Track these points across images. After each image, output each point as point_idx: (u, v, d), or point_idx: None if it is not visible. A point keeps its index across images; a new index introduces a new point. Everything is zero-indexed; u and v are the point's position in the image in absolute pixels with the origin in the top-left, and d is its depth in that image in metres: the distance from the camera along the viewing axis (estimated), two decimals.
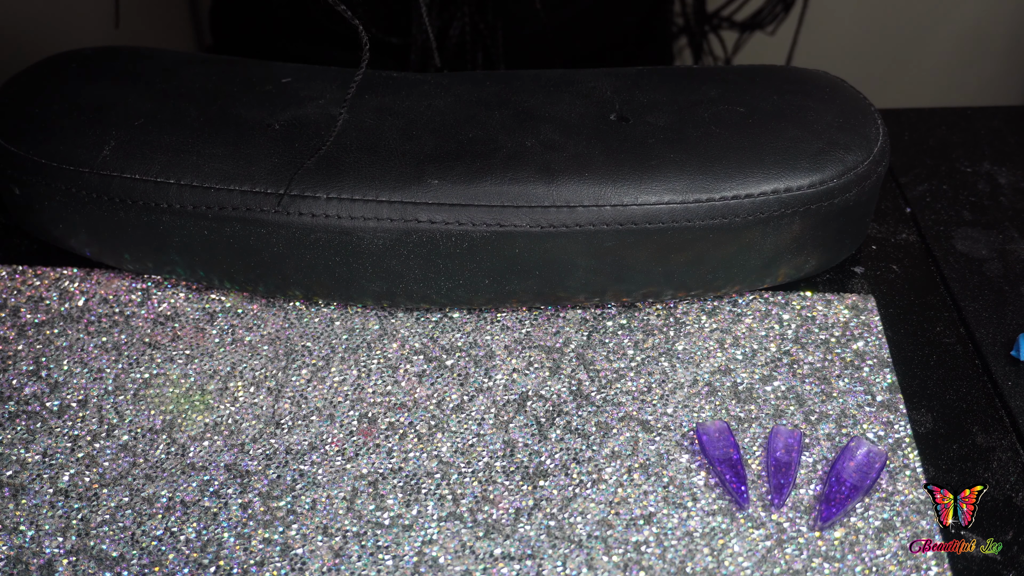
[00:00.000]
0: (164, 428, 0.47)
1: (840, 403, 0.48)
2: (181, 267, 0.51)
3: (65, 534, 0.43)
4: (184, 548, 0.43)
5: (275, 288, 0.51)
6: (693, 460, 0.46)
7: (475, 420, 0.48)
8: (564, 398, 0.49)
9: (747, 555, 0.43)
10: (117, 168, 0.49)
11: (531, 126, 0.50)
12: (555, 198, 0.47)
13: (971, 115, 0.66)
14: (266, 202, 0.48)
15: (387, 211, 0.48)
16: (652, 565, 0.42)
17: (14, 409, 0.48)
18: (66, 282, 0.54)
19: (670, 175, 0.48)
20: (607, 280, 0.50)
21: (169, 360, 0.50)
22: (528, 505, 0.44)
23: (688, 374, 0.50)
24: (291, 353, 0.51)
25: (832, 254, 0.53)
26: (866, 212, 0.53)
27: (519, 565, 0.42)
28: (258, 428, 0.47)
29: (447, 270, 0.49)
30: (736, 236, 0.49)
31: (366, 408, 0.48)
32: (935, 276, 0.56)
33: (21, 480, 0.45)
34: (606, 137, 0.50)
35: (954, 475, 0.46)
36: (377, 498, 0.45)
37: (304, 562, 0.42)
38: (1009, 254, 0.57)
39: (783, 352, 0.51)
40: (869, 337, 0.51)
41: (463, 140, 0.50)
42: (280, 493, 0.45)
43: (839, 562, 0.42)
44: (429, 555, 0.43)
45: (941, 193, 0.61)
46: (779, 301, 0.53)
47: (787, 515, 0.44)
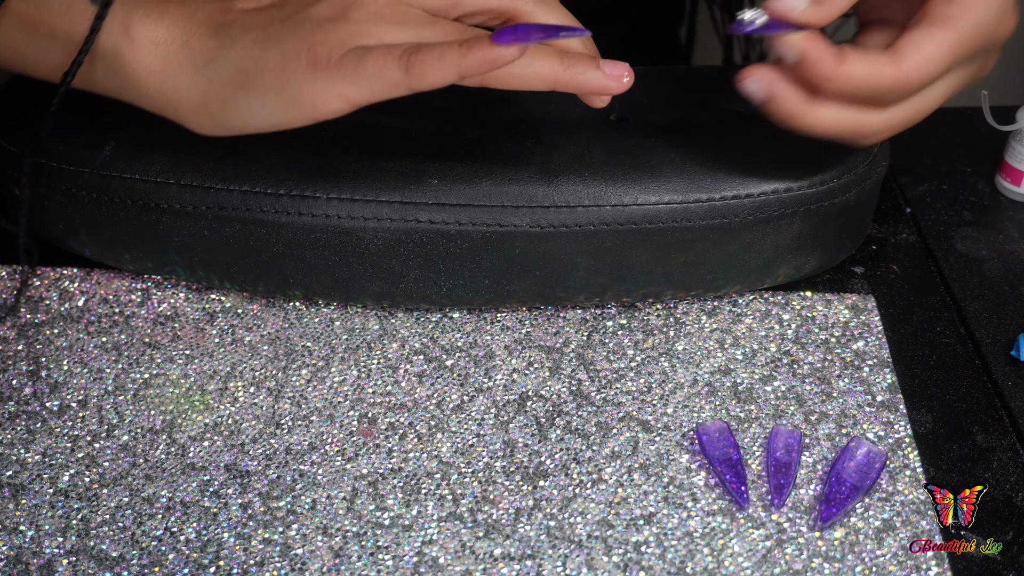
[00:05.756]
0: (164, 428, 0.47)
1: (840, 403, 0.48)
2: (181, 267, 0.51)
3: (65, 534, 0.43)
4: (184, 548, 0.43)
5: (275, 288, 0.51)
6: (693, 460, 0.46)
7: (475, 420, 0.48)
8: (564, 398, 0.49)
9: (747, 555, 0.43)
10: (117, 168, 0.49)
11: (531, 126, 0.50)
12: (555, 198, 0.47)
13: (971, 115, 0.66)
14: (266, 202, 0.48)
15: (387, 211, 0.48)
16: (652, 565, 0.42)
17: (14, 409, 0.48)
18: (66, 282, 0.54)
19: (670, 175, 0.48)
20: (607, 280, 0.50)
21: (169, 360, 0.50)
22: (528, 505, 0.44)
23: (688, 374, 0.50)
24: (291, 353, 0.51)
25: (832, 254, 0.53)
26: (866, 212, 0.53)
27: (519, 565, 0.42)
28: (258, 428, 0.47)
29: (447, 270, 0.49)
30: (736, 236, 0.49)
31: (366, 408, 0.48)
32: (935, 276, 0.56)
33: (21, 480, 0.45)
34: (606, 137, 0.50)
35: (954, 475, 0.46)
36: (377, 498, 0.45)
37: (304, 562, 0.42)
38: (1009, 254, 0.57)
39: (783, 352, 0.51)
40: (869, 337, 0.51)
41: (463, 140, 0.50)
42: (280, 493, 0.45)
43: (839, 562, 0.42)
44: (429, 555, 0.43)
45: (941, 193, 0.61)
46: (779, 301, 0.53)
47: (787, 515, 0.44)
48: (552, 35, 0.39)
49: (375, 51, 0.41)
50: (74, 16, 0.44)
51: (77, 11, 0.44)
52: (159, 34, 0.44)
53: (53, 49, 0.45)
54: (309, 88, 0.42)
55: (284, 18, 0.44)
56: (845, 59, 0.41)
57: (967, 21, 0.42)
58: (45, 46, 0.45)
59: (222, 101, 0.44)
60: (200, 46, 0.44)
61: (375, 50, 0.41)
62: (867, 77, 0.42)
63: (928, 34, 0.42)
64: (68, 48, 0.45)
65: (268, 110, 0.44)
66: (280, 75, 0.42)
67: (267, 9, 0.45)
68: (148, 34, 0.44)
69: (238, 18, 0.45)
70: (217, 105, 0.44)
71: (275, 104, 0.43)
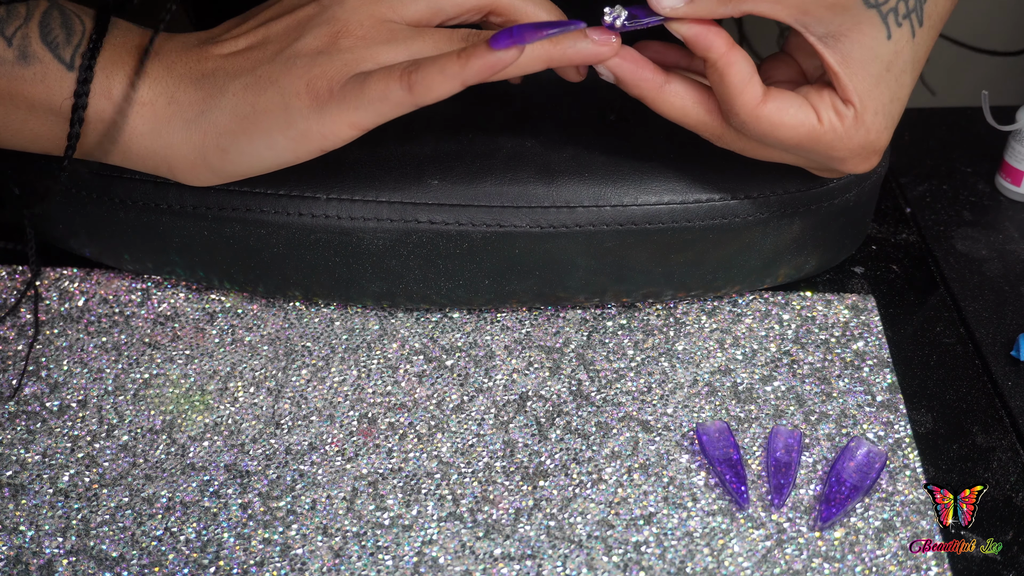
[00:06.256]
0: (164, 428, 0.47)
1: (840, 403, 0.48)
2: (181, 267, 0.51)
3: (65, 534, 0.43)
4: (184, 548, 0.43)
5: (275, 288, 0.51)
6: (693, 460, 0.46)
7: (475, 420, 0.48)
8: (564, 398, 0.49)
9: (747, 555, 0.43)
10: (117, 168, 0.49)
11: (531, 126, 0.50)
12: (555, 198, 0.47)
13: (971, 115, 0.66)
14: (266, 202, 0.48)
15: (387, 211, 0.48)
16: (652, 565, 0.42)
17: (14, 409, 0.48)
18: (66, 282, 0.54)
19: (670, 175, 0.48)
20: (607, 280, 0.50)
21: (169, 360, 0.50)
22: (528, 505, 0.44)
23: (688, 374, 0.50)
24: (291, 353, 0.51)
25: (832, 254, 0.53)
26: (866, 212, 0.53)
27: (519, 565, 0.42)
28: (258, 428, 0.47)
29: (447, 270, 0.49)
30: (736, 236, 0.49)
31: (366, 408, 0.48)
32: (935, 276, 0.56)
33: (21, 480, 0.45)
34: (606, 137, 0.50)
35: (954, 475, 0.46)
36: (377, 498, 0.45)
37: (304, 562, 0.42)
38: (1009, 254, 0.57)
39: (783, 352, 0.51)
40: (869, 337, 0.51)
41: (463, 140, 0.50)
42: (280, 493, 0.45)
43: (839, 562, 0.42)
44: (429, 555, 0.43)
45: (941, 193, 0.61)
46: (779, 301, 0.53)
47: (787, 515, 0.44)
48: (548, 33, 0.39)
49: (375, 75, 0.41)
50: (51, 85, 0.43)
51: (54, 80, 0.43)
52: (143, 94, 0.44)
53: (31, 120, 0.44)
54: (316, 123, 0.42)
55: (270, 58, 0.43)
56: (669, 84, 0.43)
57: (834, 136, 0.43)
58: (23, 117, 0.44)
59: (222, 150, 0.44)
60: (187, 99, 0.44)
61: (375, 74, 0.41)
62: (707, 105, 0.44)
63: (801, 111, 0.43)
64: (48, 118, 0.44)
65: (275, 151, 0.44)
66: (283, 115, 0.42)
67: (247, 51, 0.44)
68: (131, 95, 0.44)
69: (220, 65, 0.44)
70: (217, 155, 0.44)
71: (282, 144, 0.43)
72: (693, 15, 0.41)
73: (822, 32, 0.42)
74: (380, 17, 0.43)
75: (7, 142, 0.46)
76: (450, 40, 0.42)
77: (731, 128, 0.44)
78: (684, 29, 0.41)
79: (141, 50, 0.44)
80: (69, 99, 0.43)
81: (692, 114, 0.44)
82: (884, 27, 0.41)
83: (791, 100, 0.43)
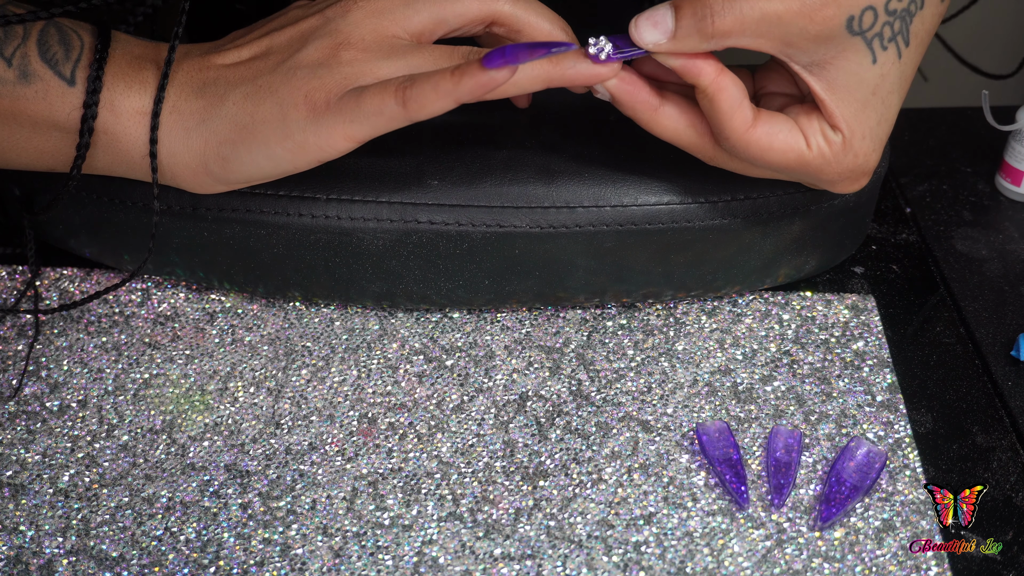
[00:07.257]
0: (164, 428, 0.47)
1: (840, 403, 0.48)
2: (181, 268, 0.51)
3: (65, 534, 0.43)
4: (184, 548, 0.43)
5: (275, 289, 0.51)
6: (693, 460, 0.46)
7: (475, 420, 0.48)
8: (564, 398, 0.49)
9: (747, 555, 0.43)
10: None
11: (530, 127, 0.50)
12: (555, 199, 0.47)
13: (971, 115, 0.66)
14: (266, 203, 0.48)
15: (387, 212, 0.48)
16: (652, 565, 0.42)
17: (14, 409, 0.48)
18: (66, 282, 0.54)
19: (670, 175, 0.48)
20: (607, 280, 0.50)
21: (169, 360, 0.50)
22: (528, 505, 0.44)
23: (688, 374, 0.50)
24: (291, 353, 0.51)
25: (832, 254, 0.53)
26: (866, 212, 0.53)
27: (519, 565, 0.42)
28: (258, 428, 0.47)
29: (447, 271, 0.49)
30: (736, 237, 0.49)
31: (366, 408, 0.48)
32: (935, 276, 0.56)
33: (21, 480, 0.45)
34: (606, 137, 0.50)
35: (954, 475, 0.46)
36: (377, 498, 0.45)
37: (304, 562, 0.42)
38: (1009, 254, 0.57)
39: (783, 352, 0.51)
40: (869, 337, 0.51)
41: (463, 141, 0.50)
42: (280, 493, 0.45)
43: (839, 562, 0.42)
44: (429, 555, 0.43)
45: (941, 193, 0.61)
46: (779, 301, 0.53)
47: (787, 515, 0.44)
48: (540, 54, 0.39)
49: (371, 89, 0.41)
50: (53, 102, 0.43)
51: (56, 96, 0.43)
52: (144, 103, 0.44)
53: (36, 138, 0.44)
54: (313, 134, 0.42)
55: (271, 68, 0.43)
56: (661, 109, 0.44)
57: (822, 162, 0.44)
58: (27, 135, 0.44)
59: (223, 159, 0.44)
60: (188, 108, 0.44)
61: (371, 88, 0.41)
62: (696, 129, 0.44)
63: (790, 137, 0.43)
64: (52, 134, 0.44)
65: (273, 161, 0.44)
66: (281, 125, 0.43)
67: (250, 62, 0.44)
68: (133, 105, 0.44)
69: (221, 74, 0.44)
70: (218, 163, 0.44)
71: (280, 154, 0.43)
72: (675, 51, 0.41)
73: (807, 61, 0.42)
74: (382, 31, 0.43)
75: (12, 162, 0.46)
76: (450, 57, 0.43)
77: (723, 150, 0.44)
78: (671, 59, 0.41)
79: (142, 61, 0.45)
80: (74, 112, 0.44)
81: (684, 136, 0.44)
82: (869, 53, 0.41)
83: (781, 125, 0.43)
